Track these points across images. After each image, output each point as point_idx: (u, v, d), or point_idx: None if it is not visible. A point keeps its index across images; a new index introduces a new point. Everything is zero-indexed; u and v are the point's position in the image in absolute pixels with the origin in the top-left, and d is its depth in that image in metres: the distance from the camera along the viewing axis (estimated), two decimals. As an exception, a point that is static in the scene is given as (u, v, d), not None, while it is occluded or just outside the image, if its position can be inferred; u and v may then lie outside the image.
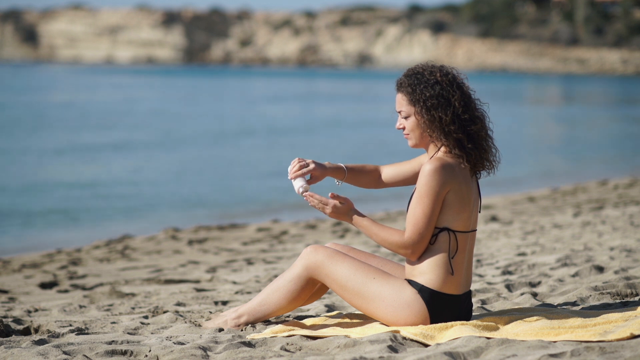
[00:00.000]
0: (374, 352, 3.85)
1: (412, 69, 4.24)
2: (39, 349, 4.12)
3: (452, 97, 4.13)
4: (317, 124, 31.80)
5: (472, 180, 4.19)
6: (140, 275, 7.77)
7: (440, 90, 4.13)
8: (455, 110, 4.12)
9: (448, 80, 4.15)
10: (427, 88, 4.13)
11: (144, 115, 35.27)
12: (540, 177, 17.57)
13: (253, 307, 4.51)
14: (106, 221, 12.80)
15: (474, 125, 4.13)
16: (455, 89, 4.15)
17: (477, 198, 4.22)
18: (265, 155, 22.15)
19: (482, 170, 4.22)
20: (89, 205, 14.31)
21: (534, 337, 3.95)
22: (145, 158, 21.34)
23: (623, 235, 8.07)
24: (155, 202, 14.78)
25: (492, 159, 4.22)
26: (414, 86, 4.16)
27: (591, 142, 26.57)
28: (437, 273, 4.15)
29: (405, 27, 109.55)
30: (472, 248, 4.25)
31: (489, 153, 4.20)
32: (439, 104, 4.12)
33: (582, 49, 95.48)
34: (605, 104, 47.32)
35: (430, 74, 4.16)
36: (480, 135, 4.16)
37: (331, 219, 11.75)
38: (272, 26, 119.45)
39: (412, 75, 4.19)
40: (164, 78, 79.44)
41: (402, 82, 4.21)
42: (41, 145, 23.37)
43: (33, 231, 12.07)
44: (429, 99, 4.12)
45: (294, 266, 4.39)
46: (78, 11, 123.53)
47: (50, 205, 14.12)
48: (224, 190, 16.31)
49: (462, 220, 4.13)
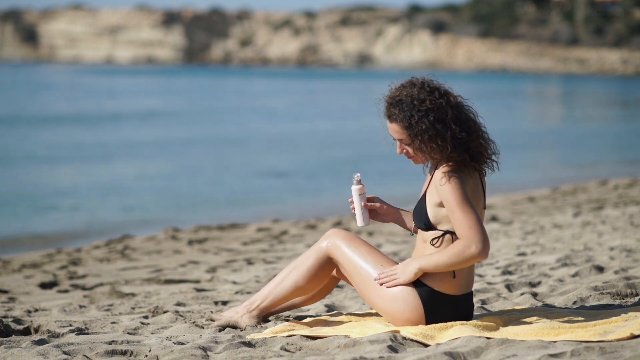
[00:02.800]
0: (374, 352, 3.85)
1: (396, 95, 4.14)
2: (39, 349, 4.12)
3: (447, 117, 4.09)
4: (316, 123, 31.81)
5: (478, 181, 4.20)
6: (140, 275, 7.77)
7: (434, 117, 4.08)
8: (452, 132, 4.07)
9: (438, 103, 4.09)
10: (422, 119, 4.07)
11: (145, 115, 35.28)
12: (540, 177, 17.57)
13: (269, 290, 4.53)
14: (106, 221, 12.79)
15: (471, 137, 4.11)
16: (447, 107, 4.10)
17: (482, 197, 4.23)
18: (265, 155, 22.15)
19: (486, 167, 4.22)
20: (89, 204, 14.31)
21: (534, 337, 3.95)
22: (145, 158, 21.34)
23: (623, 235, 8.07)
24: (155, 202, 14.77)
25: (492, 156, 4.22)
26: (408, 118, 4.09)
27: (591, 141, 26.58)
28: (439, 274, 4.17)
29: (405, 27, 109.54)
30: None
31: (488, 151, 4.20)
32: (437, 133, 4.08)
33: (582, 49, 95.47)
34: (604, 104, 47.33)
35: (420, 102, 4.09)
36: (479, 143, 4.15)
37: (331, 219, 11.74)
38: (272, 26, 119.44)
39: (400, 103, 4.12)
40: (164, 78, 79.44)
41: (392, 114, 4.14)
42: (40, 143, 23.39)
43: (33, 231, 12.07)
44: (426, 132, 4.07)
45: (315, 244, 4.46)
46: (78, 11, 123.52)
47: (49, 205, 14.11)
48: (224, 190, 16.31)
49: None
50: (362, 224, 4.43)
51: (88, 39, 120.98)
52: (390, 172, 17.98)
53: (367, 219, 4.43)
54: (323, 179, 17.47)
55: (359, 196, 4.40)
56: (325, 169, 18.98)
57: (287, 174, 17.89)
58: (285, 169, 18.84)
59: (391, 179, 17.09)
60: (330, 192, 15.69)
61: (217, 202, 14.89)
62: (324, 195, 15.52)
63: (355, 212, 4.42)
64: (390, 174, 17.79)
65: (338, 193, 15.16)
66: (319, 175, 17.95)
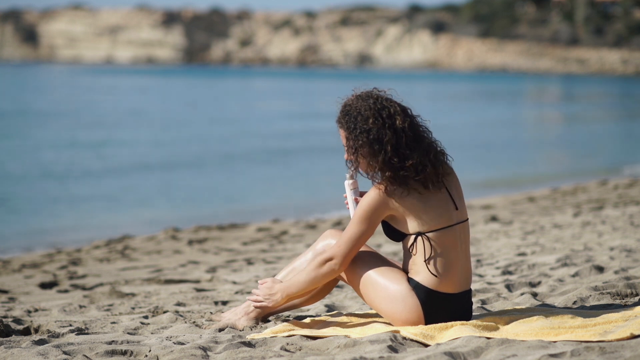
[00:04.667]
0: (374, 352, 3.85)
1: (348, 104, 4.25)
2: (39, 349, 4.12)
3: (384, 139, 4.14)
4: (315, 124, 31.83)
5: (428, 194, 4.18)
6: (140, 275, 7.77)
7: (373, 137, 4.15)
8: (385, 155, 4.13)
9: (380, 124, 4.16)
10: (362, 134, 4.17)
11: (143, 115, 35.28)
12: (541, 177, 17.58)
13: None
14: (106, 221, 12.79)
15: (404, 164, 4.14)
16: (388, 130, 4.15)
17: (445, 193, 4.21)
18: (265, 155, 22.16)
19: (433, 181, 4.20)
20: (89, 205, 14.31)
21: (534, 337, 3.95)
22: (144, 157, 21.35)
23: (623, 235, 8.07)
24: (155, 201, 14.78)
25: (440, 170, 4.21)
26: (352, 130, 4.20)
27: (589, 140, 26.58)
28: (429, 274, 4.18)
29: (405, 27, 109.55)
30: (465, 243, 4.25)
31: (433, 171, 4.18)
32: (372, 152, 4.16)
33: (582, 49, 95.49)
34: (604, 104, 47.35)
35: (365, 118, 4.17)
36: (414, 168, 4.15)
37: (332, 219, 11.75)
38: (272, 26, 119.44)
39: (349, 114, 4.22)
40: (165, 78, 79.43)
41: (339, 120, 4.26)
42: (38, 141, 23.39)
43: (32, 230, 12.07)
44: (362, 147, 4.17)
45: (313, 246, 4.50)
46: (78, 11, 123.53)
47: (49, 204, 14.11)
48: (223, 189, 16.31)
49: (432, 220, 4.16)
50: None
51: (88, 39, 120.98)
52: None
53: None
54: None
55: (351, 190, 4.45)
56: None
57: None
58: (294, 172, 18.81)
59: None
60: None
61: (217, 201, 14.90)
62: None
63: (349, 206, 4.46)
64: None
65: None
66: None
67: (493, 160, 21.29)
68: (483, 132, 29.52)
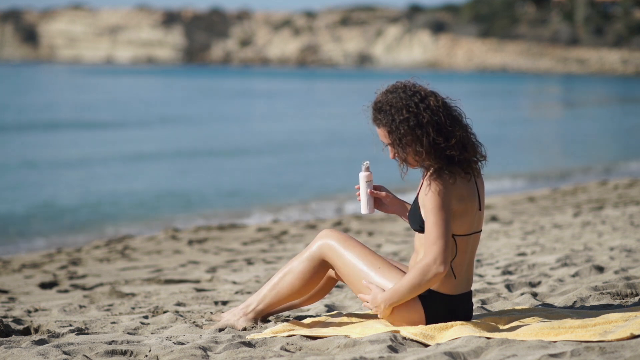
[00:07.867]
0: (374, 352, 3.85)
1: (380, 101, 4.20)
2: (39, 349, 4.12)
3: (424, 121, 4.11)
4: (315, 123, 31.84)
5: (470, 182, 4.18)
6: (140, 275, 7.77)
7: (414, 122, 4.11)
8: (428, 137, 4.09)
9: (417, 108, 4.12)
10: (402, 124, 4.11)
11: (143, 115, 35.29)
12: (541, 177, 17.58)
13: (264, 293, 4.53)
14: (106, 221, 12.79)
15: (449, 142, 4.11)
16: (425, 112, 4.12)
17: (477, 199, 4.21)
18: (266, 155, 22.17)
19: (473, 168, 4.20)
20: (88, 204, 14.31)
21: (534, 337, 3.95)
22: (145, 157, 21.35)
23: (623, 235, 8.07)
24: (155, 201, 14.77)
25: (478, 156, 4.21)
26: (390, 123, 4.14)
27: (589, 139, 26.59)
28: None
29: (405, 27, 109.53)
30: (475, 249, 4.25)
31: (473, 153, 4.19)
32: (416, 138, 4.11)
33: (582, 49, 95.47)
34: (604, 104, 47.34)
35: (400, 107, 4.13)
36: (461, 146, 4.14)
37: (331, 219, 11.75)
38: (272, 26, 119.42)
39: (383, 109, 4.17)
40: (165, 78, 79.42)
41: (376, 119, 4.21)
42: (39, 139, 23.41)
43: (33, 230, 12.07)
44: (405, 136, 4.12)
45: (309, 247, 4.45)
46: (78, 11, 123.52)
47: (49, 204, 14.11)
48: (223, 189, 16.31)
49: (464, 224, 4.14)
50: (366, 211, 4.44)
51: (88, 39, 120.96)
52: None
53: (372, 207, 4.44)
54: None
55: (365, 183, 4.41)
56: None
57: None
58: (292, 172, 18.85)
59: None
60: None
61: (217, 201, 14.90)
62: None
63: (361, 199, 4.43)
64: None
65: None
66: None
67: (492, 158, 21.26)
68: (482, 132, 29.52)
